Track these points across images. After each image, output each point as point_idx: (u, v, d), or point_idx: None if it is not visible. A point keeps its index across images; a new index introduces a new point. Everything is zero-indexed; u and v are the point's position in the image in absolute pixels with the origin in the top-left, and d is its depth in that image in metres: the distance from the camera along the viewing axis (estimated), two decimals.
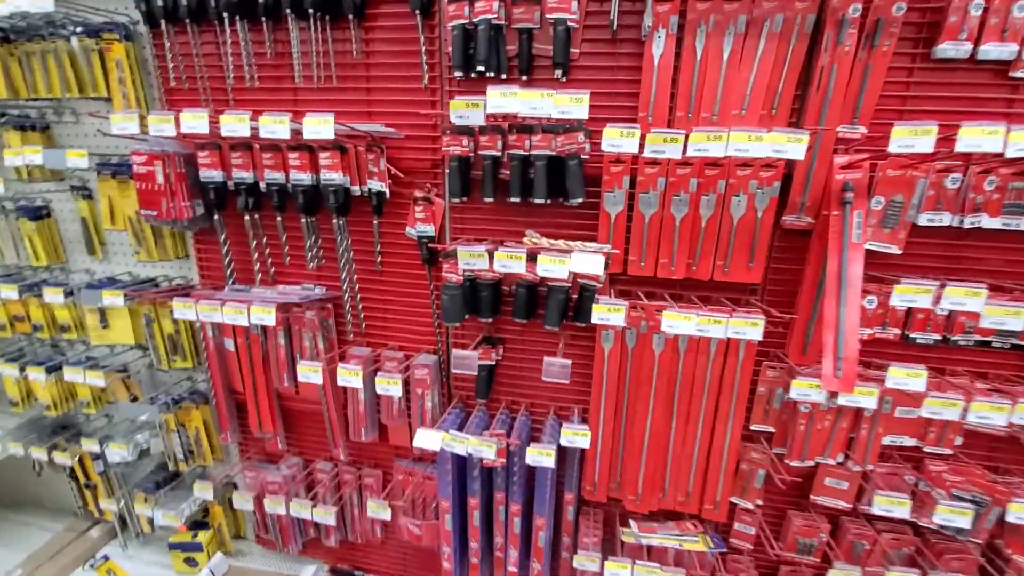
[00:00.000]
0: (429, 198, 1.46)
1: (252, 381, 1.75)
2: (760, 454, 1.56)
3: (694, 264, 1.37)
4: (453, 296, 1.35)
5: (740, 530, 1.67)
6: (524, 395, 1.66)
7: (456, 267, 1.33)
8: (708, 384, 1.48)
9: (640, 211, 1.35)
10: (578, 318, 1.42)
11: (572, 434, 1.32)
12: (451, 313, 1.37)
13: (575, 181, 1.28)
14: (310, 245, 1.54)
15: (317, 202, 1.52)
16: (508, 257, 1.20)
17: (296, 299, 1.48)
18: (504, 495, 1.63)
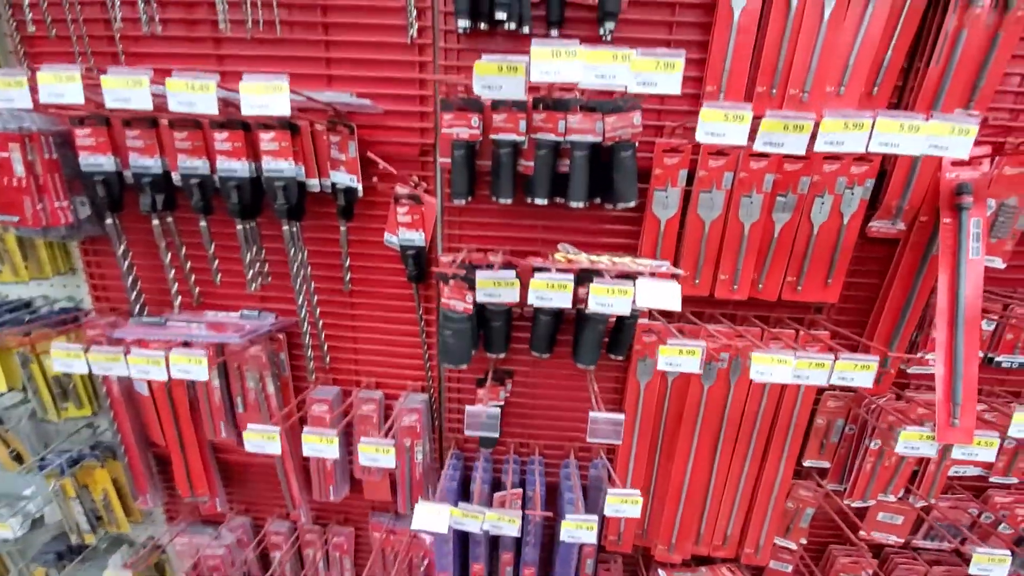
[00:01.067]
0: (417, 196, 1.09)
1: (176, 433, 1.33)
2: (809, 491, 1.35)
3: (760, 282, 1.10)
4: (460, 331, 1.01)
5: (776, 568, 1.48)
6: (535, 435, 1.35)
7: (461, 291, 0.99)
8: (761, 417, 1.24)
9: (698, 215, 1.05)
10: (613, 350, 1.11)
11: (620, 502, 1.03)
12: (456, 352, 1.03)
13: (627, 178, 0.95)
14: (251, 260, 1.13)
15: (259, 201, 1.10)
16: (550, 287, 0.87)
17: (235, 336, 1.08)
18: (512, 555, 1.34)
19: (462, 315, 1.00)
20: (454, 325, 1.01)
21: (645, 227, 1.07)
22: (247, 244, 1.12)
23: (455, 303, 0.99)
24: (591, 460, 1.35)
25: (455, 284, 0.97)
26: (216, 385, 1.28)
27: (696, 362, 0.91)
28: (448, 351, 1.03)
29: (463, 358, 1.05)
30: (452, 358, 1.04)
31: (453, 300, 0.99)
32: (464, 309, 1.00)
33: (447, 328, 1.01)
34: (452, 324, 1.01)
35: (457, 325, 1.01)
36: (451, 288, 0.99)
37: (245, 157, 1.05)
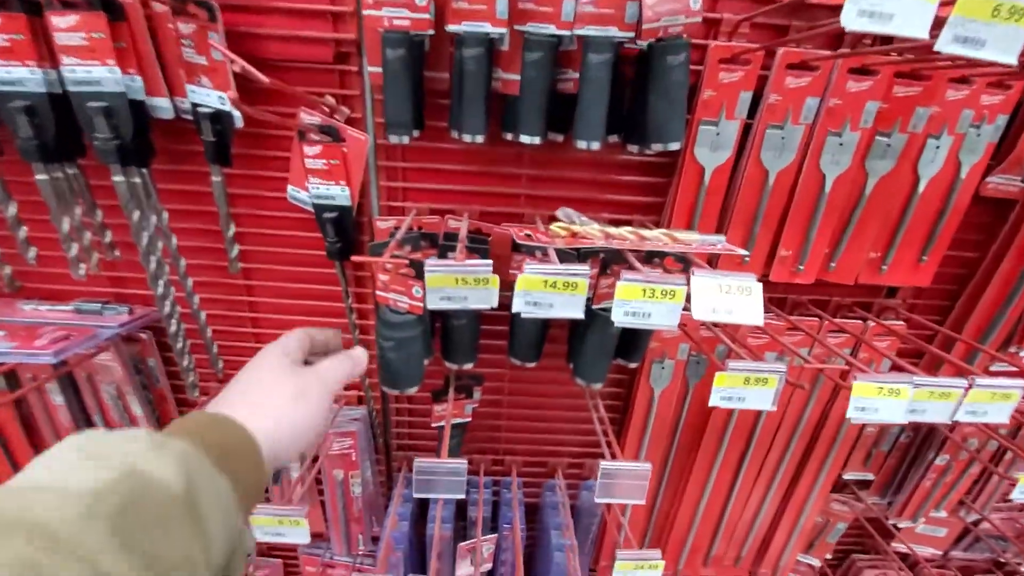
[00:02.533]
0: (334, 129, 0.69)
1: (12, 466, 0.95)
2: (844, 506, 1.11)
3: (834, 259, 0.78)
4: (405, 340, 0.65)
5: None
6: (512, 450, 1.04)
7: (406, 281, 0.62)
8: (803, 425, 0.96)
9: (760, 161, 0.71)
10: (626, 355, 0.79)
11: (634, 568, 0.74)
12: (402, 372, 0.68)
13: (673, 102, 0.59)
14: (72, 227, 0.72)
15: (72, 134, 0.68)
16: (550, 286, 0.51)
17: (47, 353, 0.69)
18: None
19: (408, 317, 0.64)
20: (397, 333, 0.65)
21: (682, 179, 0.71)
22: (63, 203, 0.70)
23: (397, 298, 0.63)
24: (583, 480, 1.06)
25: (396, 272, 0.61)
26: (59, 403, 0.89)
27: (769, 395, 0.60)
28: (390, 370, 0.68)
29: (412, 378, 0.70)
30: (396, 379, 0.69)
31: (394, 294, 0.63)
32: (411, 307, 0.64)
33: (387, 337, 0.66)
34: (394, 331, 0.65)
35: (402, 332, 0.66)
36: (391, 276, 0.62)
37: (35, 60, 0.62)
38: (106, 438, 0.33)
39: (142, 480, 0.30)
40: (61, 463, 0.30)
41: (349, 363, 0.56)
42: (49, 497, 0.27)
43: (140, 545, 0.28)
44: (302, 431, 0.46)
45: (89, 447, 0.31)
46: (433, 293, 0.53)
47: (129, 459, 0.31)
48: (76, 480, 0.28)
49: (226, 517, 0.35)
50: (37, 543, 0.24)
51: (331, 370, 0.53)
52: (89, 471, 0.29)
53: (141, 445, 0.32)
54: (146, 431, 0.34)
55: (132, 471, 0.30)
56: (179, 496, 0.31)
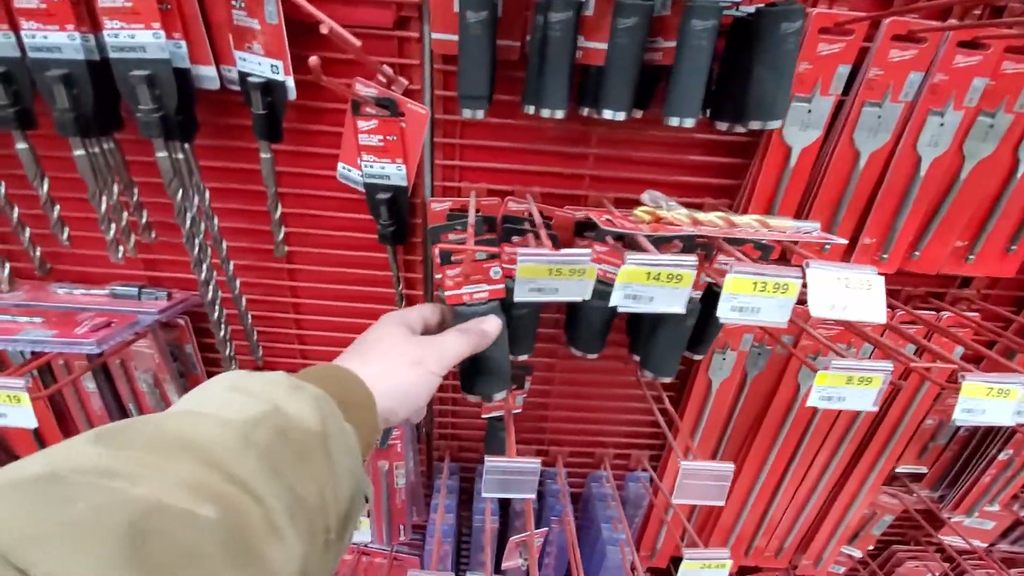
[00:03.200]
0: (392, 102, 0.64)
1: None
2: (893, 499, 1.09)
3: (919, 247, 0.73)
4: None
5: (829, 570, 1.26)
6: (558, 440, 1.01)
7: (480, 271, 0.58)
8: (859, 420, 0.93)
9: (852, 142, 0.66)
10: (694, 347, 0.75)
11: (701, 567, 0.72)
12: (496, 371, 0.62)
13: (782, 75, 0.54)
14: (109, 206, 0.67)
15: (111, 105, 0.63)
16: (653, 278, 0.47)
17: (90, 341, 0.64)
18: None
19: (492, 304, 0.59)
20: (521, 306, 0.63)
21: (766, 159, 0.66)
22: (100, 180, 0.65)
23: (474, 291, 0.58)
24: (629, 469, 1.03)
25: (470, 261, 0.56)
26: (92, 390, 0.86)
27: (872, 395, 0.56)
28: (481, 372, 0.62)
29: (503, 379, 0.64)
30: (489, 381, 0.63)
31: (469, 288, 0.58)
32: (492, 294, 0.59)
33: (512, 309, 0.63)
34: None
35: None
36: (465, 266, 0.58)
37: (75, 24, 0.57)
38: (251, 377, 0.35)
39: (285, 416, 0.33)
40: (213, 396, 0.33)
41: (474, 339, 0.54)
42: (210, 424, 0.29)
43: (285, 474, 0.30)
44: (413, 397, 0.48)
45: (239, 383, 0.34)
46: (523, 284, 0.49)
47: (273, 396, 0.34)
48: (230, 411, 0.31)
49: (353, 461, 0.37)
50: (203, 464, 0.27)
51: (451, 345, 0.52)
52: (239, 404, 0.32)
53: (282, 387, 0.35)
54: (284, 374, 0.37)
55: (277, 408, 0.33)
56: (316, 434, 0.33)
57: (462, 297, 0.57)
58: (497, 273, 0.57)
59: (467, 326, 0.55)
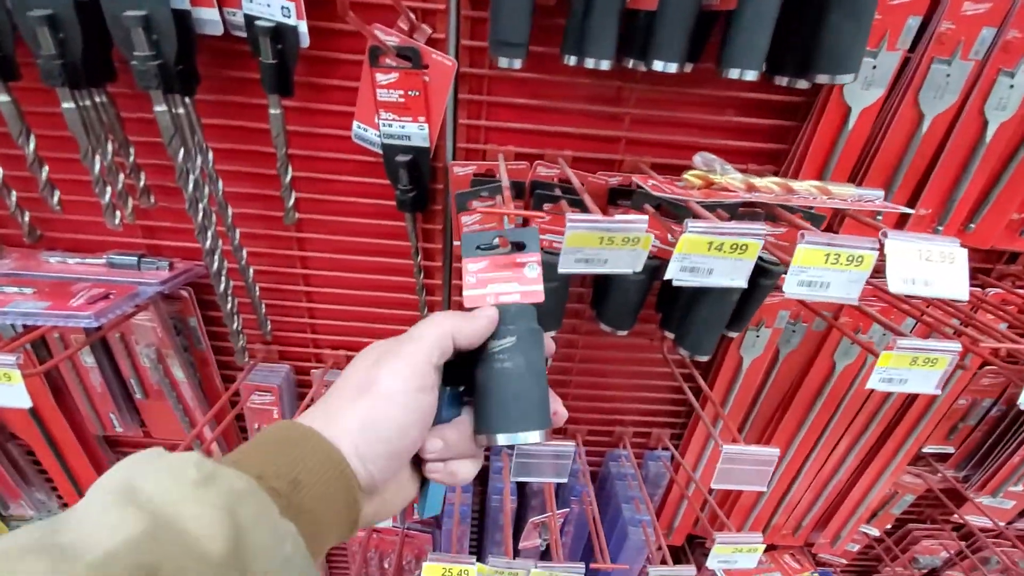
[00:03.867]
0: (415, 52, 0.58)
1: (42, 432, 0.88)
2: (917, 479, 1.07)
3: (975, 219, 0.69)
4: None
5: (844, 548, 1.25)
6: (576, 419, 0.97)
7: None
8: (891, 400, 0.90)
9: (917, 103, 0.60)
10: (732, 325, 0.70)
11: (733, 551, 0.69)
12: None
13: (862, 23, 0.48)
14: (103, 168, 0.61)
15: (105, 52, 0.57)
16: (715, 249, 0.42)
17: (87, 315, 0.59)
18: None
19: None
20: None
21: (823, 120, 0.61)
22: (92, 138, 0.59)
23: (500, 292, 0.53)
24: (649, 448, 1.00)
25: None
26: (90, 364, 0.81)
27: (936, 377, 0.52)
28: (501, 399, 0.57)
29: (532, 414, 0.60)
30: (511, 415, 0.59)
31: (498, 286, 0.53)
32: (524, 296, 0.54)
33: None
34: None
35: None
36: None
37: None
38: (151, 470, 0.25)
39: (173, 536, 0.23)
40: (91, 507, 0.24)
41: (482, 322, 0.37)
42: (41, 569, 0.20)
43: None
44: (405, 426, 0.33)
45: (132, 480, 0.24)
46: (570, 254, 0.44)
47: (167, 501, 0.23)
48: (89, 537, 0.22)
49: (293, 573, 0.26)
50: None
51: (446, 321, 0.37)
52: (115, 520, 0.22)
53: (187, 483, 0.24)
54: (197, 459, 0.25)
55: (161, 524, 0.23)
56: (219, 558, 0.23)
57: (485, 298, 0.40)
58: (534, 271, 0.41)
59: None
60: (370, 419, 0.32)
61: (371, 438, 0.32)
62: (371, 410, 0.32)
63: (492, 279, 0.41)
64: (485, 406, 0.36)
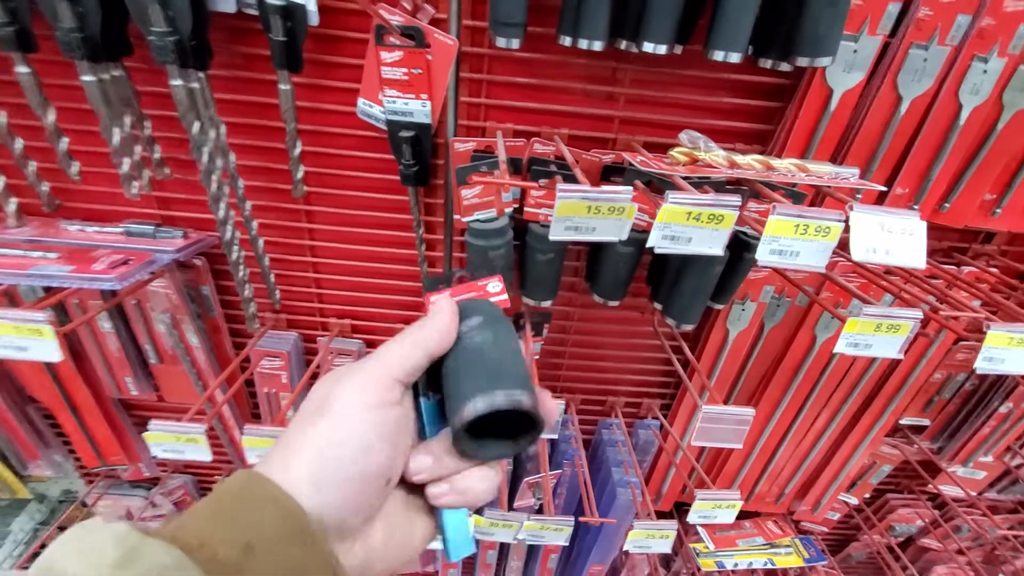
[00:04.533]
0: (419, 31, 0.61)
1: (61, 394, 0.92)
2: (894, 449, 1.12)
3: (949, 199, 0.72)
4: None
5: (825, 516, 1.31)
6: (570, 388, 1.02)
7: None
8: (870, 373, 0.95)
9: (895, 86, 0.63)
10: (716, 297, 0.74)
11: (713, 507, 0.74)
12: (552, 282, 0.69)
13: (838, 8, 0.51)
14: (122, 140, 0.64)
15: (122, 28, 0.60)
16: (692, 218, 0.46)
17: (110, 276, 0.63)
18: None
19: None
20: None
21: (806, 102, 0.64)
22: (110, 110, 0.62)
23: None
24: (639, 417, 1.05)
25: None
26: (108, 330, 0.85)
27: (899, 343, 0.56)
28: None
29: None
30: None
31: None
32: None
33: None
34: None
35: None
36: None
37: None
38: (76, 547, 0.23)
39: None
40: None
41: (427, 344, 0.32)
42: None
43: None
44: (366, 446, 0.29)
45: (54, 562, 0.22)
46: (560, 222, 0.48)
47: None
48: None
49: None
50: None
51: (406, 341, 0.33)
52: None
53: (102, 564, 0.22)
54: (128, 530, 0.23)
55: None
56: None
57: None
58: (496, 286, 0.41)
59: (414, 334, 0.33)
60: (328, 443, 0.28)
61: (331, 465, 0.28)
62: (329, 432, 0.28)
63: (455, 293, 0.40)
64: (454, 387, 0.30)
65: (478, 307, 0.35)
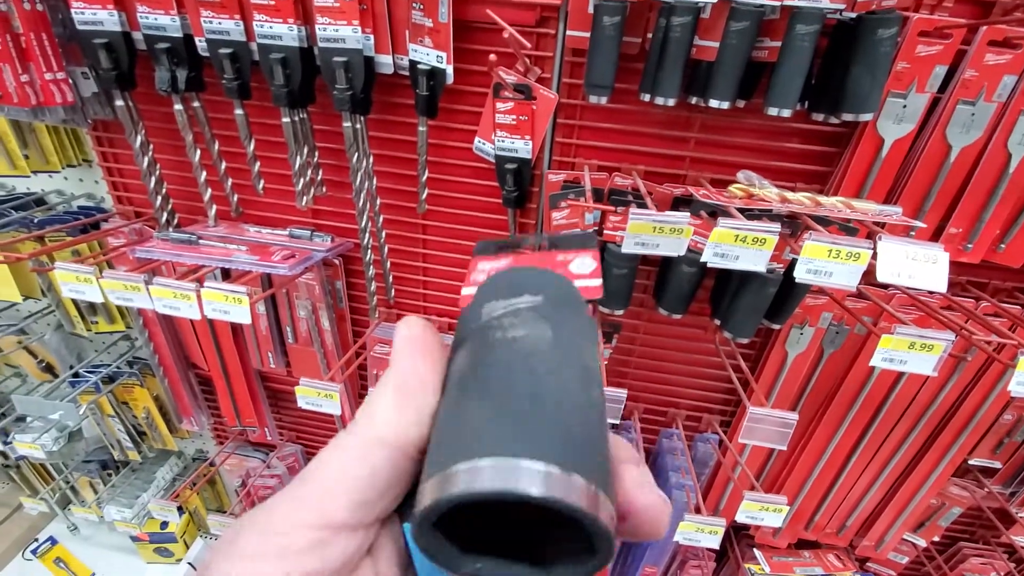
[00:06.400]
0: (528, 88, 0.77)
1: (220, 362, 1.16)
2: (964, 491, 1.11)
3: (1005, 240, 0.77)
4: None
5: (890, 558, 1.29)
6: (634, 396, 1.12)
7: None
8: (937, 405, 0.97)
9: (945, 137, 0.71)
10: (773, 317, 0.83)
11: (759, 509, 0.81)
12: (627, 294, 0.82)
13: (877, 73, 0.61)
14: (301, 164, 0.86)
15: (311, 83, 0.81)
16: (739, 240, 0.57)
17: (283, 266, 0.84)
18: None
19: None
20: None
21: (858, 149, 0.73)
22: (296, 143, 0.84)
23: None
24: (699, 431, 1.13)
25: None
26: (261, 312, 1.07)
27: (932, 361, 0.63)
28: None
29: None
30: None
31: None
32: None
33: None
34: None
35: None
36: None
37: (294, 18, 0.74)
38: None
39: None
40: None
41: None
42: None
43: None
44: None
45: None
46: (631, 239, 0.61)
47: None
48: None
49: None
50: None
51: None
52: None
53: None
54: None
55: None
56: None
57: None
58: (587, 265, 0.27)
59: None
60: None
61: None
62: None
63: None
64: (442, 424, 0.18)
65: (533, 280, 0.22)
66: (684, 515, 0.90)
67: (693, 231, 0.61)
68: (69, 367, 1.28)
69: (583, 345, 0.19)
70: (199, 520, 1.65)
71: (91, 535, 1.70)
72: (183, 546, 1.59)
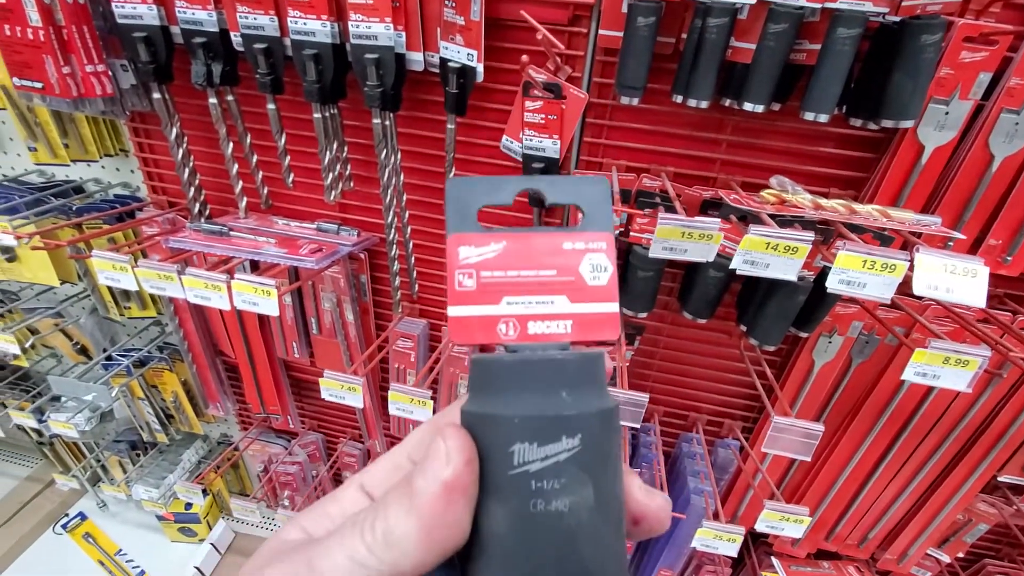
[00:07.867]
0: (558, 87, 0.77)
1: (246, 350, 1.18)
2: (991, 508, 1.08)
3: None
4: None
5: (913, 572, 1.26)
6: (655, 399, 1.11)
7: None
8: (965, 422, 0.95)
9: (987, 145, 0.69)
10: (801, 324, 0.82)
11: (779, 519, 0.80)
12: (651, 297, 0.83)
13: (919, 80, 0.60)
14: (330, 159, 0.86)
15: (342, 80, 0.82)
16: (771, 248, 0.56)
17: (311, 259, 0.85)
18: None
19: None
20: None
21: (897, 155, 0.71)
22: (326, 138, 0.85)
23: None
24: (720, 437, 1.12)
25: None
26: (288, 303, 1.09)
27: (967, 377, 0.62)
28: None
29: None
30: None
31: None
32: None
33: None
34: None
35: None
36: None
37: (327, 15, 0.75)
38: None
39: None
40: None
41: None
42: None
43: None
44: None
45: None
46: (658, 243, 0.60)
47: None
48: None
49: None
50: None
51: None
52: None
53: None
54: None
55: None
56: None
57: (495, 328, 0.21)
58: (602, 266, 0.22)
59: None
60: None
61: None
62: None
63: (509, 283, 0.21)
64: None
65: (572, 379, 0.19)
66: (702, 521, 0.89)
67: (725, 237, 0.60)
68: (103, 350, 1.32)
69: (619, 488, 0.19)
70: (222, 502, 1.70)
71: (119, 512, 1.75)
72: (206, 527, 1.63)
